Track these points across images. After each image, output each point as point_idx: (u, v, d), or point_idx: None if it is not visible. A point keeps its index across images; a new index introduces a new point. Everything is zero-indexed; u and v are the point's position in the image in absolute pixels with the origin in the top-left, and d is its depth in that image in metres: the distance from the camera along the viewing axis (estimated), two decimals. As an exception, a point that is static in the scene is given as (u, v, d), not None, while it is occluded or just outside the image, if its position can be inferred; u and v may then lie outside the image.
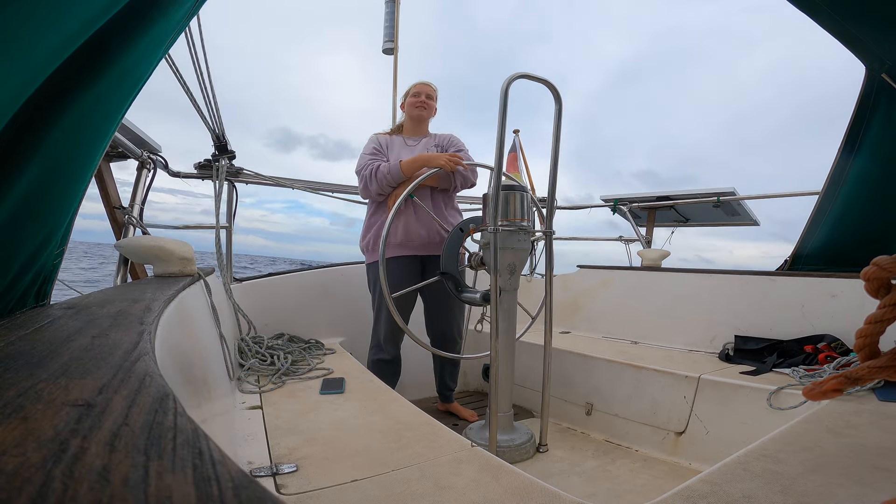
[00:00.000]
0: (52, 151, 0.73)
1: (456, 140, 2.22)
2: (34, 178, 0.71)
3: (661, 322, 2.36)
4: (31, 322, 0.69)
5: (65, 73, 0.69)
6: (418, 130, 2.22)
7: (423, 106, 2.17)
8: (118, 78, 0.80)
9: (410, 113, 2.19)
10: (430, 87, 2.20)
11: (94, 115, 0.80)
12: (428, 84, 2.20)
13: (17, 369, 0.44)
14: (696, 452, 1.66)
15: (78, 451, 0.26)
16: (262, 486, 0.23)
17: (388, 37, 3.33)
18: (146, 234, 1.79)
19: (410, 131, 2.22)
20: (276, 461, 1.02)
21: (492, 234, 1.60)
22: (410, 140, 2.19)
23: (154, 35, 0.84)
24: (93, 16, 0.65)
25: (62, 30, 0.61)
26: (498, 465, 0.97)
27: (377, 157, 2.08)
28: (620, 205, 3.44)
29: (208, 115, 1.90)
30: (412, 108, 2.18)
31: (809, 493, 0.81)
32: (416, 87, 2.19)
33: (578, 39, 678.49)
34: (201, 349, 1.23)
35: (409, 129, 2.22)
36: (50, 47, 0.61)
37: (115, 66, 0.78)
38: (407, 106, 2.20)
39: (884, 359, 0.48)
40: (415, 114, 2.17)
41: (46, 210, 0.80)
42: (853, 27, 1.64)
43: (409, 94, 2.20)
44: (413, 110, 2.17)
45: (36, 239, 0.80)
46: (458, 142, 2.22)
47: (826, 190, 2.12)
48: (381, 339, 2.09)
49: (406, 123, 2.23)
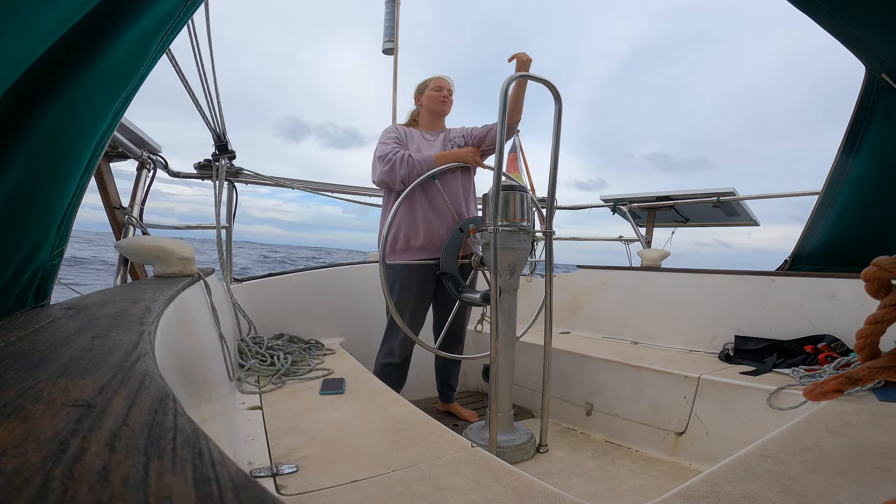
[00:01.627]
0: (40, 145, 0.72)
1: (471, 130, 2.18)
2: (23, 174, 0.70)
3: (661, 322, 2.36)
4: (30, 322, 0.69)
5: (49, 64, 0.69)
6: (436, 125, 2.17)
7: (446, 101, 2.13)
8: (106, 69, 0.80)
9: (432, 107, 2.13)
10: (450, 81, 2.16)
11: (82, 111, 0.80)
12: (447, 79, 2.15)
13: (17, 369, 0.44)
14: (696, 452, 1.66)
15: (78, 451, 0.26)
16: (262, 486, 0.23)
17: (388, 37, 3.34)
18: (146, 234, 1.79)
19: (428, 125, 2.17)
20: (276, 461, 1.02)
21: (492, 234, 1.60)
22: (428, 134, 2.15)
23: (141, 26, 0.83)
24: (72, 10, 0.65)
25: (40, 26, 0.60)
26: (498, 465, 0.97)
27: (401, 146, 2.04)
28: (620, 205, 3.44)
29: (209, 114, 1.90)
30: (434, 103, 2.13)
31: (809, 493, 0.81)
32: (438, 81, 2.13)
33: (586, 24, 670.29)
34: (201, 349, 1.23)
35: (427, 123, 2.17)
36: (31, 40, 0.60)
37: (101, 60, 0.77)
38: (428, 99, 2.14)
39: (884, 359, 0.48)
40: (437, 108, 2.13)
41: (40, 207, 0.79)
42: (853, 27, 1.64)
43: (429, 88, 2.14)
44: (436, 105, 2.13)
45: (32, 238, 0.79)
46: (472, 130, 2.17)
47: (826, 190, 2.12)
48: (395, 346, 2.04)
49: (423, 117, 2.18)
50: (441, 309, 2.16)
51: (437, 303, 2.17)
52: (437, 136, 2.15)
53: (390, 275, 2.00)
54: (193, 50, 1.59)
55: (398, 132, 2.09)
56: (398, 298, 1.99)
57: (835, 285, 1.84)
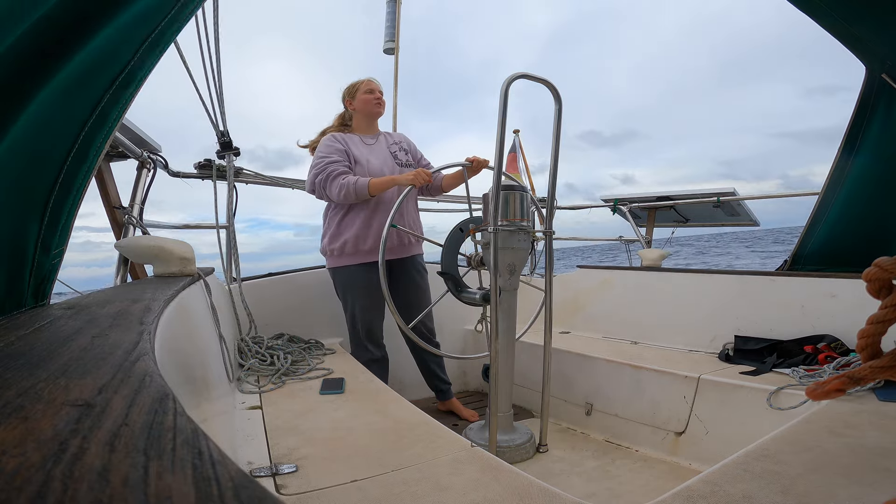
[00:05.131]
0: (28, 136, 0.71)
1: (412, 144, 2.28)
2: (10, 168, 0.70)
3: (661, 322, 2.36)
4: (30, 322, 0.69)
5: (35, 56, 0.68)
6: (371, 128, 2.20)
7: (381, 104, 2.16)
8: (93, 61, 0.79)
9: (368, 110, 2.14)
10: (378, 83, 2.17)
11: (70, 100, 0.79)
12: (376, 81, 2.17)
13: (16, 369, 0.44)
14: (696, 452, 1.66)
15: (78, 451, 0.26)
16: (262, 486, 0.23)
17: (389, 37, 3.33)
18: (146, 233, 1.79)
19: (364, 129, 2.19)
20: (275, 461, 1.02)
21: (492, 234, 1.60)
22: (367, 138, 2.17)
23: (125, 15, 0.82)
24: None
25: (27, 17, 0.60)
26: (498, 465, 0.97)
27: (342, 161, 2.02)
28: (620, 205, 3.44)
29: (213, 111, 1.91)
30: (370, 106, 2.13)
31: (810, 493, 0.80)
32: (368, 84, 2.13)
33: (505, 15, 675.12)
34: (201, 349, 1.23)
35: (362, 126, 2.18)
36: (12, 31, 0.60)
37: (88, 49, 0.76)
38: (361, 102, 2.13)
39: (885, 359, 0.48)
40: (373, 111, 2.15)
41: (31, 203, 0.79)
42: (853, 27, 1.64)
43: (360, 91, 2.13)
44: (372, 108, 2.14)
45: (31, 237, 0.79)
46: (414, 146, 2.28)
47: (826, 190, 2.12)
48: (364, 339, 2.13)
49: (357, 120, 2.18)
50: (402, 307, 2.11)
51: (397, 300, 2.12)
52: (376, 139, 2.19)
53: (339, 279, 2.15)
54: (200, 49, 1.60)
55: (337, 141, 2.07)
56: (352, 298, 2.11)
57: (835, 285, 1.84)
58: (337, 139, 2.08)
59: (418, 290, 2.21)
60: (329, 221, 2.13)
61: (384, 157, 2.14)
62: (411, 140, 2.30)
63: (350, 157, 2.06)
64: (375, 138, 2.19)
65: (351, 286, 2.11)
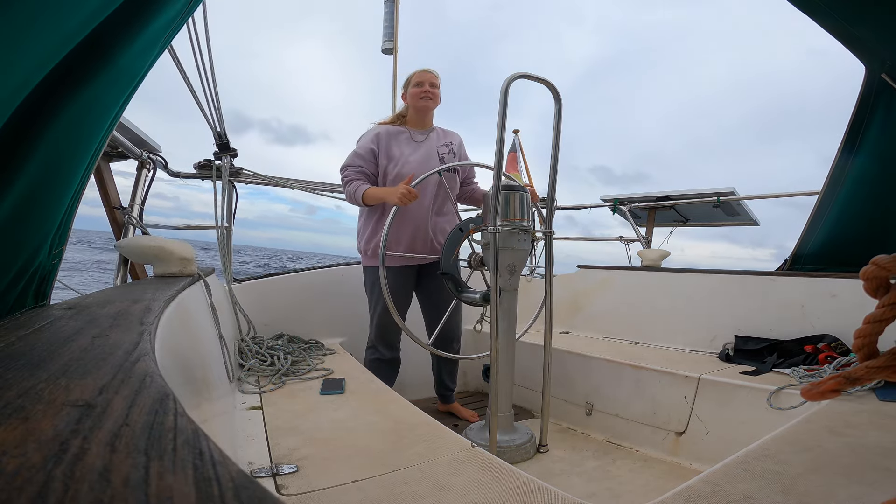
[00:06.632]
0: (50, 151, 0.72)
1: (463, 149, 2.20)
2: (32, 178, 0.71)
3: (661, 322, 2.36)
4: (31, 322, 0.69)
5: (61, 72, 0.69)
6: (424, 123, 2.12)
7: (429, 96, 2.03)
8: (115, 76, 0.80)
9: (415, 104, 2.05)
10: (432, 74, 2.06)
11: (90, 114, 0.80)
12: (430, 71, 2.06)
13: (17, 369, 0.44)
14: (696, 452, 1.66)
15: (78, 451, 0.26)
16: (263, 486, 0.23)
17: (388, 36, 3.33)
18: (146, 234, 1.79)
19: (415, 123, 2.11)
20: (276, 462, 1.02)
21: (492, 234, 1.60)
22: (418, 135, 2.10)
23: (150, 32, 0.84)
24: (89, 14, 0.65)
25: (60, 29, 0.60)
26: (498, 465, 0.97)
27: (365, 166, 2.01)
28: (620, 205, 3.44)
29: (210, 113, 1.90)
30: (416, 100, 2.04)
31: (810, 493, 0.81)
32: (418, 76, 2.05)
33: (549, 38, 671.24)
34: (201, 349, 1.23)
35: (414, 121, 2.10)
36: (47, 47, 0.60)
37: (112, 64, 0.78)
38: (410, 97, 2.06)
39: (882, 359, 0.47)
40: (420, 105, 2.04)
41: (44, 209, 0.80)
42: (853, 27, 1.64)
43: (411, 84, 2.06)
44: (418, 102, 2.04)
45: (34, 239, 0.80)
46: (464, 151, 2.20)
47: (826, 190, 2.12)
48: (374, 340, 2.13)
49: (410, 115, 2.11)
50: (431, 310, 2.17)
51: (425, 304, 2.19)
52: (426, 135, 2.11)
53: (368, 277, 2.14)
54: (193, 50, 1.60)
55: (375, 141, 2.03)
56: (376, 297, 2.09)
57: (835, 285, 1.84)
58: (375, 136, 2.04)
59: (448, 294, 2.18)
60: (365, 222, 2.11)
61: (427, 156, 2.06)
62: (464, 146, 2.21)
63: (380, 155, 2.02)
64: (426, 135, 2.11)
65: (379, 286, 2.05)
